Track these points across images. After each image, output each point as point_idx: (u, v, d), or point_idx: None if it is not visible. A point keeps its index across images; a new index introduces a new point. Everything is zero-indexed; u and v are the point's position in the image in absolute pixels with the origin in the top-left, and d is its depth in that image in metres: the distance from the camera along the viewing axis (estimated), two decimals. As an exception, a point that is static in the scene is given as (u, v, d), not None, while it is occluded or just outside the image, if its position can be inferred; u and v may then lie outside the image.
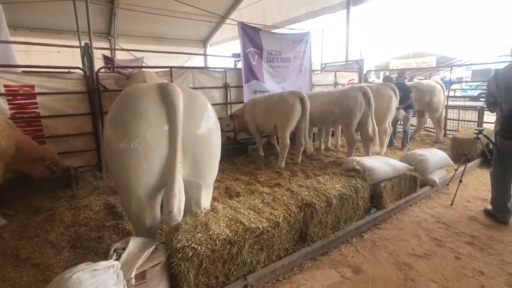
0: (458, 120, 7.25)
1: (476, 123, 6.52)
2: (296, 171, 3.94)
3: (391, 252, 2.51)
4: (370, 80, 12.63)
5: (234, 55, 5.82)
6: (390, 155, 4.65)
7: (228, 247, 1.93)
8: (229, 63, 6.81)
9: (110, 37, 10.61)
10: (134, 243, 1.84)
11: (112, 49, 10.11)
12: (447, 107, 6.72)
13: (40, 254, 2.41)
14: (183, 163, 2.00)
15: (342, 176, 2.98)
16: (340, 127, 5.48)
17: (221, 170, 4.15)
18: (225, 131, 4.99)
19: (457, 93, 15.61)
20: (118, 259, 1.73)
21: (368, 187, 2.92)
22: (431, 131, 6.86)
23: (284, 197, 2.49)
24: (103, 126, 3.54)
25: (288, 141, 4.18)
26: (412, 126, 6.43)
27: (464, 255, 2.45)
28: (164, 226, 2.68)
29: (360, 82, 7.41)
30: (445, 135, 6.46)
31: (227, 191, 3.33)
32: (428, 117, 6.37)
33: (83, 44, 4.00)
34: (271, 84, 5.67)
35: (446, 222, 3.00)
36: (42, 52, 7.68)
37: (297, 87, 5.80)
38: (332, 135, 5.77)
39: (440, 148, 4.77)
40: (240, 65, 5.50)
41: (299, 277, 2.20)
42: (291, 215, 2.29)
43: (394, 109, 4.90)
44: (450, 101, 7.10)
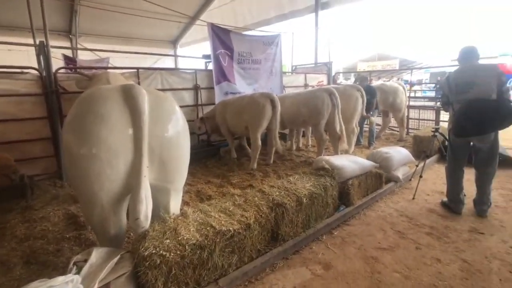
0: (419, 119, 7.74)
1: (434, 122, 7.01)
2: (269, 172, 3.97)
3: (359, 247, 2.61)
4: (338, 81, 13.13)
5: (205, 56, 5.75)
6: (357, 153, 4.85)
7: (198, 252, 1.89)
8: (199, 65, 6.73)
9: (71, 35, 9.97)
10: (97, 254, 1.74)
11: (73, 48, 9.51)
12: (409, 107, 7.15)
13: (-14, 274, 2.18)
14: (149, 167, 1.94)
15: (312, 175, 3.06)
16: (310, 127, 5.62)
17: (192, 174, 4.08)
18: (197, 134, 4.92)
19: (417, 94, 16.67)
20: (78, 272, 1.62)
21: (336, 185, 3.03)
22: (395, 130, 7.26)
23: (256, 198, 2.50)
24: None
25: (259, 142, 4.21)
26: (378, 125, 6.77)
27: (424, 245, 2.61)
28: (132, 234, 2.57)
29: (329, 83, 7.66)
30: (407, 133, 6.87)
31: (198, 194, 3.28)
32: (392, 117, 6.74)
33: (38, 42, 3.72)
34: (243, 86, 5.68)
35: (409, 215, 3.18)
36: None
37: (268, 89, 5.87)
38: (303, 135, 5.90)
39: (403, 146, 5.07)
40: (211, 66, 5.45)
41: (271, 277, 2.22)
42: (262, 216, 2.31)
43: (361, 109, 5.12)
44: (411, 101, 7.58)
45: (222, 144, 5.26)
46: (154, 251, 1.74)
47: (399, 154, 4.07)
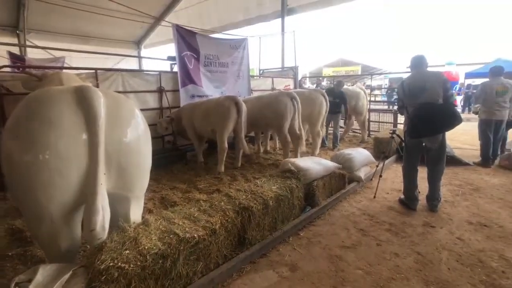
0: (379, 122, 8.22)
1: (393, 125, 7.50)
2: (236, 175, 3.95)
3: (324, 246, 2.68)
4: (306, 86, 13.54)
5: (170, 58, 5.58)
6: (323, 155, 5.01)
7: (161, 261, 1.81)
8: (165, 66, 6.53)
9: (18, 31, 9.09)
10: (44, 272, 1.59)
11: (20, 45, 8.67)
12: (370, 110, 7.58)
13: None
14: (107, 174, 1.82)
15: (278, 177, 3.09)
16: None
17: (156, 180, 3.93)
18: (163, 134, 4.75)
19: (377, 98, 17.73)
20: (21, 293, 1.46)
21: (302, 187, 3.09)
22: (358, 132, 7.64)
23: (222, 202, 2.46)
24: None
25: (226, 145, 4.19)
26: (341, 128, 7.07)
27: (384, 241, 2.76)
28: (88, 247, 2.38)
29: (295, 87, 7.85)
30: (369, 135, 7.26)
31: (162, 201, 3.15)
32: (355, 119, 7.08)
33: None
34: (210, 89, 5.61)
35: (370, 213, 3.35)
36: None
37: (236, 92, 5.86)
38: (271, 138, 5.97)
39: (365, 147, 5.35)
40: (176, 68, 5.31)
41: (238, 282, 2.19)
42: (229, 220, 2.28)
43: (325, 112, 5.32)
44: (371, 105, 8.03)
45: (189, 148, 5.14)
46: (111, 264, 1.63)
47: (360, 155, 4.28)
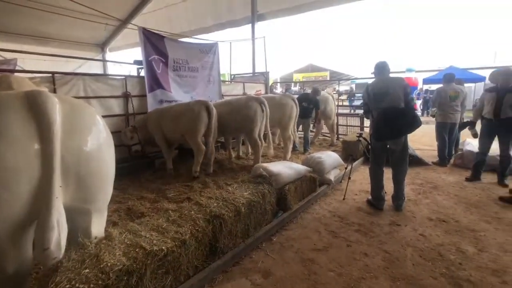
0: (347, 125, 8.54)
1: (359, 128, 7.83)
2: (208, 182, 3.86)
3: (297, 250, 2.70)
4: (277, 91, 13.76)
5: (136, 62, 5.37)
6: (294, 159, 5.08)
7: (126, 278, 1.69)
8: (132, 71, 6.27)
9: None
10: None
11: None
12: (338, 114, 7.86)
13: None
14: (63, 187, 1.68)
15: (250, 183, 3.07)
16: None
17: (123, 189, 3.72)
18: (129, 145, 4.52)
19: (345, 102, 18.52)
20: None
21: (274, 192, 3.10)
22: (327, 136, 7.87)
23: (192, 212, 2.39)
24: None
25: (202, 146, 4.12)
26: (312, 132, 7.25)
27: (354, 242, 2.84)
28: (42, 268, 2.17)
29: (266, 93, 7.93)
30: (337, 138, 7.51)
31: (129, 213, 2.98)
32: (324, 123, 7.30)
33: None
34: (179, 94, 5.47)
35: (340, 215, 3.43)
36: None
37: (206, 97, 5.77)
38: (243, 143, 5.95)
39: (334, 150, 5.51)
40: (143, 73, 5.11)
41: (210, 293, 2.13)
42: (199, 230, 2.20)
43: (295, 117, 5.42)
44: (339, 109, 8.34)
45: (158, 155, 4.94)
46: (68, 286, 1.49)
47: (330, 158, 4.40)
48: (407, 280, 2.25)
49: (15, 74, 3.79)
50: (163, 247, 1.91)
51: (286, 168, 3.48)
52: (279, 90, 15.54)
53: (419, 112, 14.16)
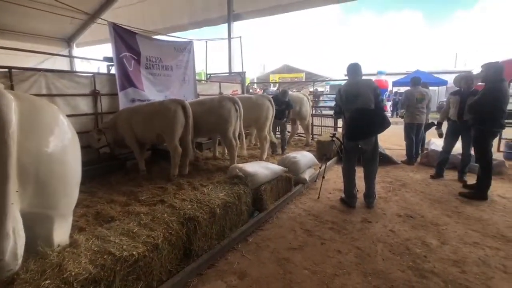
0: (321, 126, 8.75)
1: (333, 128, 8.06)
2: (183, 184, 3.76)
3: (273, 250, 2.71)
4: (254, 91, 13.78)
5: (106, 59, 5.11)
6: (270, 159, 5.11)
7: (92, 287, 1.60)
8: (102, 68, 5.98)
9: None
10: None
11: None
12: (313, 115, 8.03)
13: None
14: (21, 191, 1.56)
15: (226, 184, 3.04)
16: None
17: (91, 193, 3.52)
18: (97, 148, 4.29)
19: (320, 103, 18.98)
20: None
21: (250, 192, 3.09)
22: (302, 136, 8.01)
23: (165, 214, 2.31)
24: None
25: (179, 148, 4.00)
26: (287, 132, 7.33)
27: (328, 240, 2.90)
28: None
29: (243, 93, 7.91)
30: (312, 138, 7.67)
31: (97, 217, 2.81)
32: (299, 124, 7.42)
33: None
34: (152, 93, 5.29)
35: (315, 214, 3.50)
36: None
37: (181, 96, 5.63)
38: (219, 144, 5.89)
39: (309, 150, 5.62)
40: (114, 70, 4.89)
41: (185, 298, 2.07)
42: (172, 233, 2.14)
43: (272, 117, 5.45)
44: (314, 110, 8.53)
45: (129, 156, 4.74)
46: (26, 299, 1.38)
47: (304, 158, 4.47)
48: (378, 274, 2.34)
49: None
50: (134, 252, 1.83)
51: (262, 168, 3.49)
52: (256, 90, 15.54)
53: (389, 113, 14.87)
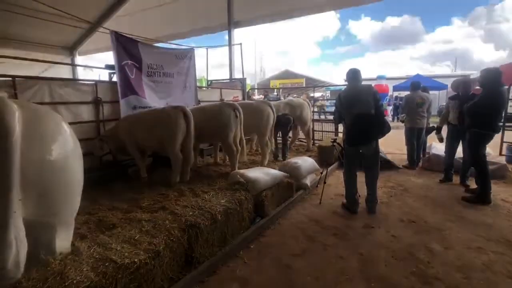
0: (322, 131, 8.75)
1: (334, 133, 8.06)
2: (184, 190, 3.75)
3: (275, 256, 2.69)
4: (255, 97, 13.85)
5: (108, 67, 5.17)
6: (271, 165, 5.11)
7: (94, 295, 1.60)
8: (104, 76, 6.02)
9: None
10: None
11: None
12: (313, 120, 8.04)
13: None
14: (24, 200, 1.57)
15: (227, 190, 3.05)
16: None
17: (93, 200, 3.52)
18: (100, 155, 4.32)
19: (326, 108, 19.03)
20: None
21: (251, 198, 3.08)
22: (303, 141, 8.01)
23: (166, 221, 2.31)
24: None
25: (180, 155, 4.02)
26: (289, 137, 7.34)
27: (330, 245, 2.89)
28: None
29: (244, 99, 7.96)
30: (313, 144, 7.67)
31: (99, 224, 2.81)
32: (300, 129, 7.43)
33: None
34: (154, 100, 5.32)
35: (317, 219, 3.49)
36: None
37: (182, 103, 5.64)
38: (221, 150, 5.90)
39: (310, 156, 5.62)
40: (116, 78, 4.93)
41: (186, 306, 2.06)
42: (174, 240, 2.14)
43: (273, 123, 5.47)
44: (315, 115, 8.55)
45: (131, 163, 4.75)
46: (27, 308, 1.38)
47: (306, 163, 4.47)
48: (381, 280, 2.32)
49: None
50: (135, 260, 1.83)
51: (263, 174, 3.49)
52: (256, 96, 15.61)
53: (389, 118, 14.87)
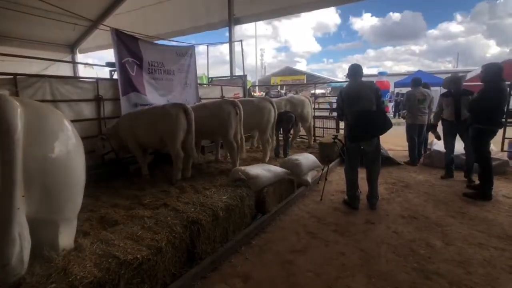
0: (323, 128, 8.74)
1: (335, 130, 8.05)
2: (185, 187, 3.77)
3: (276, 252, 2.71)
4: (256, 94, 13.83)
5: (109, 64, 5.18)
6: (272, 161, 5.12)
7: (97, 290, 1.61)
8: (105, 73, 6.02)
9: None
10: None
11: None
12: (315, 117, 8.03)
13: None
14: (27, 197, 1.58)
15: (228, 187, 3.06)
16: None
17: (96, 197, 3.54)
18: (102, 154, 4.33)
19: (322, 105, 18.99)
20: None
21: (253, 195, 3.09)
22: (305, 138, 8.01)
23: (168, 218, 2.33)
24: None
25: (181, 152, 4.03)
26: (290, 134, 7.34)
27: (331, 242, 2.90)
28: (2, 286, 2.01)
29: (244, 96, 7.94)
30: (314, 140, 7.66)
31: (102, 221, 2.83)
32: (301, 126, 7.42)
33: None
34: (155, 97, 5.33)
35: (318, 216, 3.49)
36: None
37: (183, 100, 5.66)
38: (222, 147, 5.91)
39: (311, 152, 5.61)
40: (116, 75, 4.93)
41: (188, 301, 2.08)
42: (176, 236, 2.15)
43: (274, 120, 5.47)
44: (316, 112, 8.53)
45: (133, 160, 4.77)
46: (32, 303, 1.40)
47: (307, 160, 4.47)
48: (382, 276, 2.33)
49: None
50: (138, 256, 1.84)
51: (264, 171, 3.50)
52: (257, 93, 15.58)
53: (391, 115, 14.82)
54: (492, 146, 4.69)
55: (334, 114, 8.97)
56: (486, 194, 3.79)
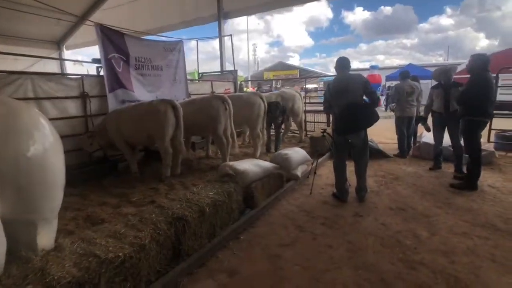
0: (314, 122, 8.74)
1: (326, 124, 8.05)
2: (175, 184, 3.75)
3: (264, 247, 2.70)
4: (248, 90, 13.75)
5: (95, 60, 5.06)
6: (263, 156, 5.11)
7: (76, 290, 1.59)
8: (92, 70, 5.90)
9: None
10: None
11: None
12: (306, 111, 8.02)
13: None
14: (0, 197, 1.53)
15: (216, 182, 3.04)
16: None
17: (83, 196, 3.49)
18: (90, 152, 4.27)
19: (313, 100, 19.02)
20: None
21: (241, 190, 3.08)
22: (296, 133, 8.01)
23: (153, 215, 2.30)
24: None
25: (170, 149, 3.99)
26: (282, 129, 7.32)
27: (319, 235, 2.90)
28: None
29: (235, 91, 7.89)
30: (306, 135, 7.67)
31: (88, 220, 2.79)
32: (292, 121, 7.41)
33: None
34: (142, 93, 5.25)
35: (307, 209, 3.50)
36: None
37: (172, 96, 5.60)
38: (212, 143, 5.87)
39: (302, 147, 5.61)
40: (103, 72, 4.84)
41: (174, 298, 2.06)
42: (160, 233, 2.13)
43: (264, 115, 5.44)
44: (307, 106, 8.51)
45: (122, 157, 4.71)
46: (7, 305, 1.37)
47: (297, 154, 4.46)
48: (368, 267, 2.34)
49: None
50: (120, 254, 1.81)
51: (253, 166, 3.48)
52: (249, 88, 15.48)
53: (382, 108, 14.89)
54: (480, 137, 4.74)
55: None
56: (472, 184, 3.84)
